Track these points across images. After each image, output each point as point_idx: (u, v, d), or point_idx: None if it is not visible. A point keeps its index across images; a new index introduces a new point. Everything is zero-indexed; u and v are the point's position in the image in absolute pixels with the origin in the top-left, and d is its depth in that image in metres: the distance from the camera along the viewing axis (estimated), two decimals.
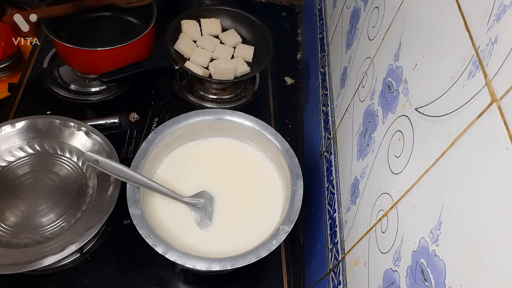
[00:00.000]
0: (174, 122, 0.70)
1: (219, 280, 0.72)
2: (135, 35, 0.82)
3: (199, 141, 0.75)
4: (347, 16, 0.77)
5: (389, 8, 0.56)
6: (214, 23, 0.95)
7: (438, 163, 0.37)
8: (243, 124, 0.72)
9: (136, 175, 0.60)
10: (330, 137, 0.75)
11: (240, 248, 0.61)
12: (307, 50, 1.07)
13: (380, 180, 0.49)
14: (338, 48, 0.80)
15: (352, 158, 0.61)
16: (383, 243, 0.46)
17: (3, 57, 0.97)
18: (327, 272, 0.64)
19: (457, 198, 0.33)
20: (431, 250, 0.35)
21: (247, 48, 0.92)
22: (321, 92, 0.87)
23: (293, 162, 0.68)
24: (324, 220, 0.70)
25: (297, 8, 1.21)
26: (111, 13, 0.92)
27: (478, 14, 0.34)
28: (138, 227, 0.58)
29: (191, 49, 0.90)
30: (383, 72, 0.54)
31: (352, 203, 0.58)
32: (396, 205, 0.44)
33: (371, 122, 0.56)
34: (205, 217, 0.66)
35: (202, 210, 0.66)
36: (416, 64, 0.45)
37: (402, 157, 0.44)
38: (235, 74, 0.88)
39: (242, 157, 0.74)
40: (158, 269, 0.70)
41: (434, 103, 0.39)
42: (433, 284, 0.34)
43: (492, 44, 0.32)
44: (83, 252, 0.69)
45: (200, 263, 0.56)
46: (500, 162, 0.29)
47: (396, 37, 0.52)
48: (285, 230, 0.60)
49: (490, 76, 0.31)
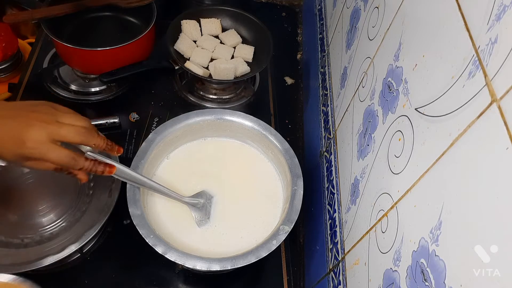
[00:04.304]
0: (174, 122, 0.70)
1: (219, 280, 0.72)
2: (135, 35, 0.82)
3: (199, 141, 0.75)
4: (347, 16, 0.77)
5: (389, 8, 0.56)
6: (214, 23, 0.95)
7: (438, 163, 0.37)
8: (243, 124, 0.72)
9: (136, 175, 0.60)
10: (330, 137, 0.75)
11: (240, 248, 0.61)
12: (307, 50, 1.07)
13: (380, 180, 0.49)
14: (338, 48, 0.80)
15: (352, 158, 0.61)
16: (383, 243, 0.46)
17: (3, 58, 0.97)
18: (327, 272, 0.64)
19: (457, 198, 0.33)
20: (431, 250, 0.35)
21: (247, 48, 0.93)
22: (321, 92, 0.87)
23: (293, 162, 0.68)
24: (324, 220, 0.70)
25: (297, 8, 1.21)
26: (111, 13, 0.92)
27: (478, 14, 0.34)
28: (138, 227, 0.58)
29: (191, 49, 0.90)
30: (383, 72, 0.54)
31: (352, 203, 0.58)
32: (396, 205, 0.44)
33: (371, 122, 0.56)
34: (205, 217, 0.66)
35: (202, 210, 0.66)
36: (416, 64, 0.45)
37: (402, 157, 0.44)
38: (235, 74, 0.88)
39: (242, 157, 0.74)
40: (158, 269, 0.70)
41: (434, 103, 0.39)
42: (433, 284, 0.34)
43: (492, 44, 0.32)
44: (83, 252, 0.69)
45: (200, 263, 0.56)
46: (500, 162, 0.29)
47: (396, 37, 0.52)
48: (285, 230, 0.60)
49: (490, 76, 0.31)
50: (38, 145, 0.48)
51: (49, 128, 0.49)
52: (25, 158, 0.49)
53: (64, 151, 0.50)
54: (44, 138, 0.48)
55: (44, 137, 0.48)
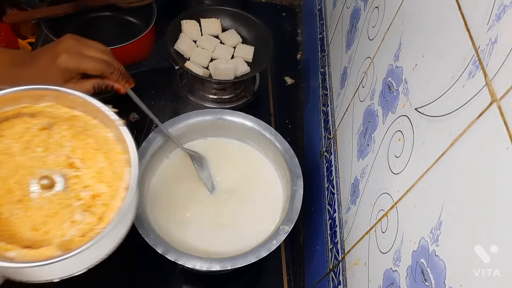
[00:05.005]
0: (174, 122, 0.70)
1: (219, 280, 0.72)
2: (135, 35, 0.82)
3: (199, 141, 0.75)
4: (347, 16, 0.77)
5: (389, 8, 0.56)
6: (214, 23, 0.95)
7: (438, 163, 0.37)
8: (243, 124, 0.72)
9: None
10: (330, 137, 0.75)
11: (240, 248, 0.61)
12: (307, 50, 1.07)
13: (380, 180, 0.49)
14: (338, 48, 0.80)
15: (352, 158, 0.61)
16: (383, 243, 0.46)
17: None
18: (327, 272, 0.64)
19: (457, 198, 0.33)
20: (431, 250, 0.35)
21: (247, 48, 0.92)
22: (321, 92, 0.87)
23: (293, 162, 0.68)
24: (324, 220, 0.70)
25: (297, 8, 1.21)
26: (111, 13, 0.92)
27: (478, 14, 0.34)
28: (138, 227, 0.58)
29: (191, 49, 0.90)
30: (383, 72, 0.54)
31: (352, 203, 0.58)
32: (396, 205, 0.44)
33: (371, 122, 0.56)
34: (210, 178, 0.69)
35: (205, 171, 0.69)
36: (416, 64, 0.45)
37: (402, 157, 0.44)
38: (235, 74, 0.88)
39: (242, 157, 0.74)
40: (158, 269, 0.70)
41: (434, 103, 0.39)
42: (433, 284, 0.34)
43: (492, 44, 0.32)
44: None
45: (200, 263, 0.56)
46: (500, 162, 0.29)
47: (396, 37, 0.52)
48: (285, 230, 0.60)
49: (490, 76, 0.31)
50: (70, 57, 0.56)
51: (73, 59, 0.56)
52: (65, 79, 0.56)
53: (95, 58, 0.58)
54: (72, 59, 0.56)
55: (71, 59, 0.56)
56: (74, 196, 0.45)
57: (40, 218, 0.42)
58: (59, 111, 0.47)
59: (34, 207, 0.42)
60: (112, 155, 0.48)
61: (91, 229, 0.43)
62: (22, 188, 0.43)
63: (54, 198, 0.44)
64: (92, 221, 0.44)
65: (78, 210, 0.44)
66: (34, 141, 0.45)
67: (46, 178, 0.44)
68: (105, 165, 0.47)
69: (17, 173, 0.43)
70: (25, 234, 0.41)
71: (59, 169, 0.45)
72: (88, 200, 0.45)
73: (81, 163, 0.46)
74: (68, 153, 0.46)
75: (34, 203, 0.43)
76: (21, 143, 0.44)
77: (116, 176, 0.46)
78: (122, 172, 0.46)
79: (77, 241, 0.42)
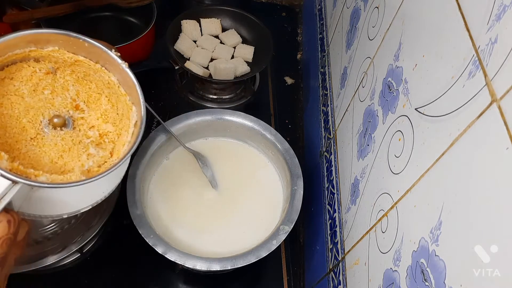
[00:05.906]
0: (174, 122, 0.70)
1: (219, 280, 0.72)
2: (135, 35, 0.82)
3: (199, 141, 0.75)
4: (347, 16, 0.77)
5: (389, 8, 0.56)
6: (214, 23, 0.95)
7: (438, 163, 0.37)
8: (243, 124, 0.72)
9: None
10: (330, 137, 0.75)
11: (240, 248, 0.61)
12: (307, 50, 1.07)
13: (380, 180, 0.49)
14: (338, 48, 0.80)
15: (352, 158, 0.61)
16: (383, 243, 0.46)
17: None
18: (327, 272, 0.64)
19: (457, 198, 0.33)
20: (431, 250, 0.35)
21: (247, 48, 0.93)
22: (321, 92, 0.87)
23: (293, 162, 0.68)
24: (324, 220, 0.70)
25: (297, 8, 1.21)
26: (111, 13, 0.92)
27: (478, 14, 0.34)
28: (138, 227, 0.58)
29: (191, 49, 0.90)
30: (383, 72, 0.54)
31: (352, 203, 0.58)
32: (396, 205, 0.44)
33: (371, 122, 0.56)
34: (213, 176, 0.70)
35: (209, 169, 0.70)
36: (416, 64, 0.45)
37: (402, 157, 0.44)
38: (235, 74, 0.88)
39: (242, 157, 0.74)
40: (158, 269, 0.70)
41: (434, 103, 0.39)
42: (433, 284, 0.34)
43: (492, 44, 0.32)
44: (83, 252, 0.69)
45: (200, 263, 0.56)
46: (500, 162, 0.29)
47: (396, 37, 0.52)
48: (285, 230, 0.60)
49: (490, 76, 0.31)
50: None
51: None
52: None
53: None
54: None
55: None
56: (83, 134, 0.48)
57: (57, 153, 0.45)
58: (63, 56, 0.49)
59: (48, 143, 0.45)
60: (115, 97, 0.50)
61: (105, 161, 0.47)
62: (35, 127, 0.45)
63: (66, 136, 0.46)
64: (105, 154, 0.47)
65: (90, 145, 0.47)
66: (41, 84, 0.47)
67: (58, 117, 0.46)
68: (108, 107, 0.50)
69: (29, 113, 0.45)
70: (45, 166, 0.44)
71: (66, 110, 0.48)
72: (96, 138, 0.48)
73: (86, 106, 0.49)
74: (73, 96, 0.49)
75: (47, 140, 0.45)
76: (29, 86, 0.47)
77: (121, 116, 0.49)
78: (127, 112, 0.49)
79: (95, 171, 0.45)
